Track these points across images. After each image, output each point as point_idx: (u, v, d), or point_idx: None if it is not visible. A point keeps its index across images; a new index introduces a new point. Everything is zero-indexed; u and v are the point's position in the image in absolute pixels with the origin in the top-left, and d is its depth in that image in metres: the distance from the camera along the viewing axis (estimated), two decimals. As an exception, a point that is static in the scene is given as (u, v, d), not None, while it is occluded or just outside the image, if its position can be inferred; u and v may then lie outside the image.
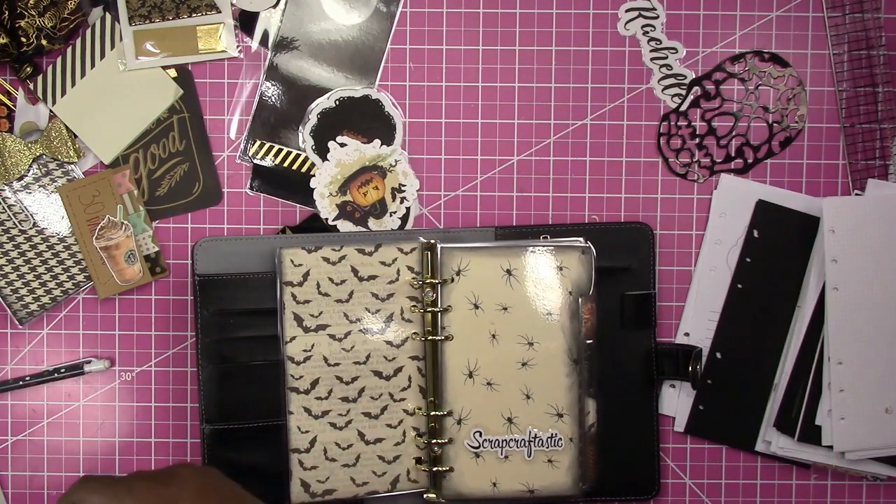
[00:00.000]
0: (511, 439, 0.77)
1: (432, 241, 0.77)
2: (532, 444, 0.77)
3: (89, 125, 0.79)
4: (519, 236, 0.79)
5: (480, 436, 0.77)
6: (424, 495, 0.78)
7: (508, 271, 0.77)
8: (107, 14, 0.78)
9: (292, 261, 0.76)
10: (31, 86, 0.79)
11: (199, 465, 0.75)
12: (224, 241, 0.78)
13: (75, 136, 0.79)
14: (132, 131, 0.80)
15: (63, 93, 0.79)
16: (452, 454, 0.77)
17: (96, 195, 0.79)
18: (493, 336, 0.77)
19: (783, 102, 0.80)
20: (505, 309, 0.77)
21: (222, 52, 0.79)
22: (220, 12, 0.79)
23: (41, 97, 0.79)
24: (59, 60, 0.79)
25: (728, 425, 0.80)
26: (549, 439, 0.77)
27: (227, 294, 0.77)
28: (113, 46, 0.79)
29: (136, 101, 0.79)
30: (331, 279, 0.76)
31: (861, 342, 0.76)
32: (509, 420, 0.77)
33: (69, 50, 0.79)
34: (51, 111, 0.79)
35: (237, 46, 0.79)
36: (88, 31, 0.79)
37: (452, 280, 0.77)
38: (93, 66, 0.79)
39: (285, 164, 0.80)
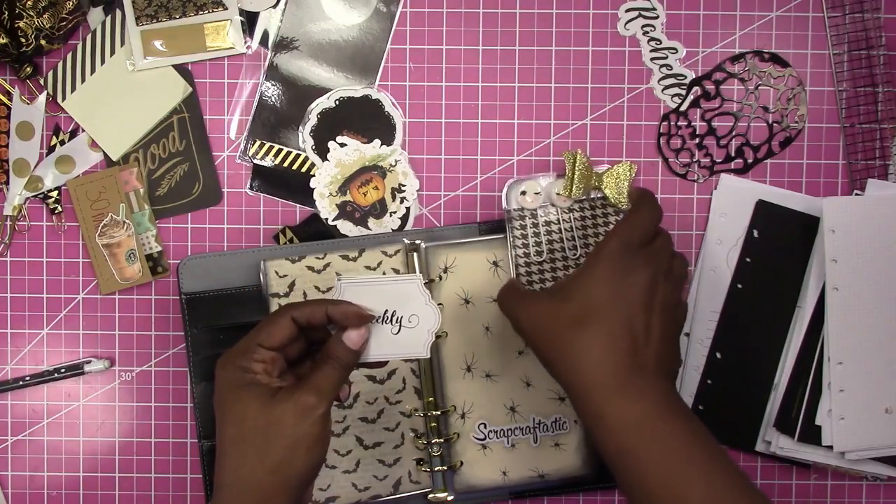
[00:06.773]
0: (516, 427, 0.78)
1: (416, 242, 0.77)
2: (537, 429, 0.78)
3: (98, 122, 0.79)
4: (502, 228, 0.77)
5: (485, 427, 0.77)
6: (428, 496, 0.78)
7: (495, 263, 0.77)
8: (117, 10, 0.78)
9: (277, 272, 0.76)
10: (42, 81, 0.79)
11: None
12: (207, 258, 0.78)
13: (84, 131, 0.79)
14: (141, 128, 0.80)
15: (73, 89, 0.79)
16: (460, 448, 0.77)
17: (102, 192, 0.79)
18: (487, 328, 0.77)
19: (783, 102, 0.80)
20: (496, 300, 0.77)
21: (230, 48, 0.79)
22: (226, 9, 0.79)
23: (51, 93, 0.79)
24: (69, 57, 0.79)
25: (728, 425, 0.80)
26: (553, 423, 0.78)
27: (215, 310, 0.77)
28: (123, 43, 0.79)
29: (146, 97, 0.79)
30: (317, 287, 0.76)
31: (861, 342, 0.76)
32: (512, 409, 0.78)
33: (79, 46, 0.79)
34: (60, 107, 0.79)
35: (245, 43, 0.79)
36: (98, 28, 0.79)
37: (440, 278, 0.77)
38: (102, 62, 0.79)
39: (285, 164, 0.80)
